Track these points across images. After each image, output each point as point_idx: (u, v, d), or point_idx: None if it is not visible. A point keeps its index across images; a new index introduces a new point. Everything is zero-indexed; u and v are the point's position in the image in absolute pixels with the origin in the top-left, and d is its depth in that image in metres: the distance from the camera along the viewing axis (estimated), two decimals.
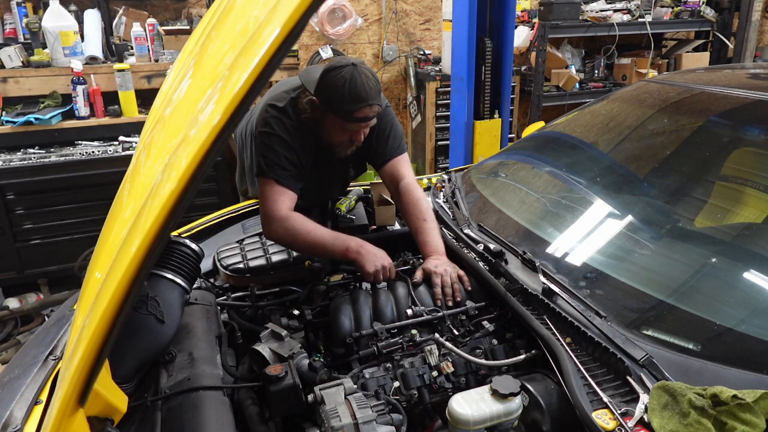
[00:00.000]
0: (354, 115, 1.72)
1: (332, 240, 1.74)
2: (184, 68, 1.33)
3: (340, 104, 1.70)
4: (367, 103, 1.71)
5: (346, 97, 1.68)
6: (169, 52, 3.78)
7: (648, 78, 2.40)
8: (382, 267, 1.68)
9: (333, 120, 1.76)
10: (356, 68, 1.69)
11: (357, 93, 1.68)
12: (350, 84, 1.67)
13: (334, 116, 1.75)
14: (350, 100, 1.69)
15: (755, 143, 1.67)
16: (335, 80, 1.68)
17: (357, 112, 1.72)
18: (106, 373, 1.06)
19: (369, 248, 1.71)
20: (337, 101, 1.70)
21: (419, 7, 5.08)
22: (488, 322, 1.54)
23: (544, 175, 2.06)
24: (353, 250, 1.70)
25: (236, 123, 0.75)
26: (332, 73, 1.70)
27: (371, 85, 1.70)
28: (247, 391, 1.38)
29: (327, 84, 1.71)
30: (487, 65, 3.79)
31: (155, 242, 0.77)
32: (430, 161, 4.99)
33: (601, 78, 5.31)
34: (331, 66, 1.72)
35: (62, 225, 3.48)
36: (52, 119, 3.39)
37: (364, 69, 1.72)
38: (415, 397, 1.37)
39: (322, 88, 1.73)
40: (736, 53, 5.24)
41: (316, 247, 1.75)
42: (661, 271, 1.44)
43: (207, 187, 3.76)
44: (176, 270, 1.43)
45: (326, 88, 1.71)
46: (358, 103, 1.70)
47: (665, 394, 1.06)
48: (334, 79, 1.69)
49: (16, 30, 3.75)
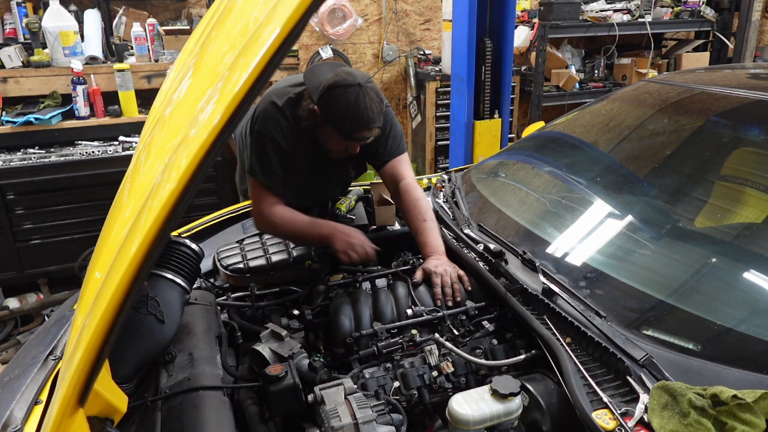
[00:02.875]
0: (353, 135, 1.76)
1: (309, 227, 1.83)
2: (184, 68, 1.33)
3: (342, 124, 1.72)
4: (368, 126, 1.74)
5: (348, 119, 1.70)
6: (169, 52, 3.77)
7: (648, 78, 2.40)
8: (351, 245, 1.72)
9: (332, 132, 1.77)
10: (362, 89, 1.68)
11: (359, 116, 1.69)
12: (354, 106, 1.67)
13: (333, 131, 1.76)
14: (352, 122, 1.70)
15: (755, 143, 1.67)
16: (339, 100, 1.68)
17: (357, 134, 1.75)
18: (106, 373, 1.06)
19: (342, 229, 1.79)
20: (338, 121, 1.72)
21: (419, 7, 5.08)
22: (488, 322, 1.54)
23: (544, 175, 2.06)
24: (326, 234, 1.78)
25: (236, 123, 0.75)
26: (337, 92, 1.68)
27: (374, 108, 1.71)
28: (247, 391, 1.38)
29: (330, 101, 1.70)
30: (487, 65, 3.79)
31: (155, 242, 0.77)
32: (430, 161, 4.99)
33: (601, 78, 5.31)
34: (337, 82, 1.69)
35: (62, 225, 3.48)
36: (52, 119, 3.38)
37: (370, 90, 1.71)
38: (415, 397, 1.37)
39: (325, 103, 1.72)
40: (736, 53, 5.24)
41: (297, 235, 1.86)
42: (661, 271, 1.44)
43: (207, 187, 3.76)
44: (176, 270, 1.43)
45: (329, 105, 1.71)
46: (359, 126, 1.72)
47: (665, 394, 1.06)
48: (338, 98, 1.68)
49: (16, 30, 3.75)
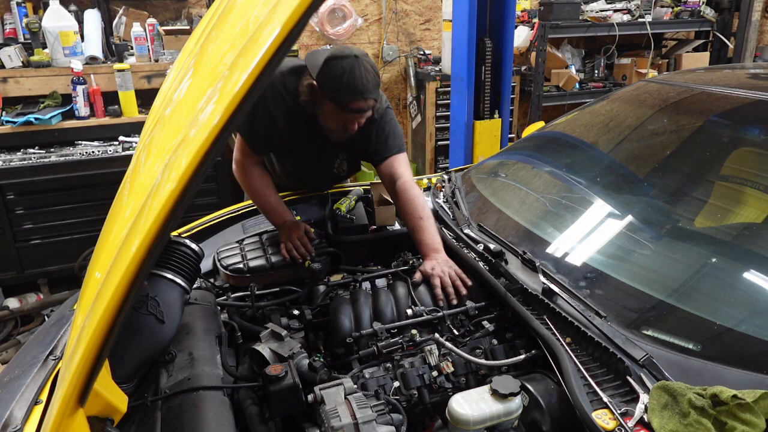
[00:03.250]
0: (349, 105, 1.79)
1: (270, 213, 1.98)
2: (184, 68, 1.32)
3: (337, 93, 1.77)
4: (363, 96, 1.77)
5: (343, 87, 1.74)
6: (169, 52, 3.77)
7: (648, 78, 2.40)
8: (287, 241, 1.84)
9: (330, 106, 1.82)
10: (358, 60, 1.74)
11: (354, 85, 1.74)
12: (349, 75, 1.73)
13: (330, 103, 1.81)
14: (347, 90, 1.75)
15: (755, 143, 1.67)
16: (335, 69, 1.74)
17: (352, 103, 1.78)
18: (106, 373, 1.06)
19: (290, 225, 1.90)
20: (334, 90, 1.77)
21: (419, 7, 5.08)
22: (488, 322, 1.54)
23: (544, 175, 2.06)
24: (277, 224, 1.94)
25: (236, 123, 0.75)
26: (334, 62, 1.75)
27: (369, 79, 1.76)
28: (247, 391, 1.38)
29: (327, 72, 1.76)
30: (487, 65, 3.79)
31: (155, 242, 0.77)
32: (430, 161, 4.99)
33: (601, 78, 5.31)
34: (334, 54, 1.77)
35: (62, 225, 3.48)
36: (52, 119, 3.38)
37: (365, 62, 1.77)
38: (415, 397, 1.37)
39: (322, 74, 1.78)
40: (736, 53, 5.24)
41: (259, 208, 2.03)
42: (661, 271, 1.44)
43: (207, 187, 3.75)
44: (176, 270, 1.43)
45: (326, 76, 1.77)
46: (354, 94, 1.76)
47: (665, 394, 1.05)
48: (334, 68, 1.75)
49: (16, 30, 3.75)
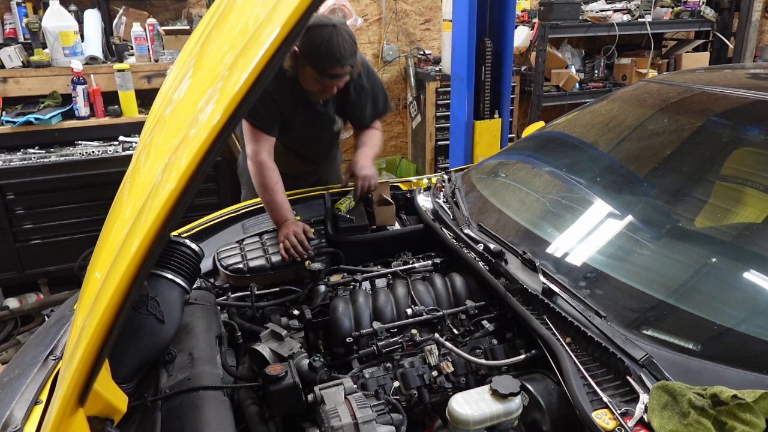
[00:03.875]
0: (328, 71, 1.92)
1: (274, 210, 2.00)
2: (184, 68, 1.33)
3: (316, 60, 1.90)
4: (341, 63, 1.90)
5: (322, 54, 1.87)
6: (169, 52, 3.77)
7: (648, 78, 2.40)
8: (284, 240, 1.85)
9: (310, 71, 1.95)
10: (336, 29, 1.87)
11: (332, 53, 1.86)
12: (328, 43, 1.85)
13: (310, 68, 1.94)
14: (325, 57, 1.88)
15: (755, 143, 1.67)
16: (315, 38, 1.86)
17: (330, 69, 1.92)
18: (106, 373, 1.06)
19: (288, 223, 1.91)
20: (314, 57, 1.90)
21: (419, 7, 5.08)
22: (488, 321, 1.54)
23: (544, 175, 2.06)
24: (278, 222, 1.96)
25: (236, 123, 0.75)
26: (314, 31, 1.86)
27: (346, 47, 1.88)
28: (247, 391, 1.38)
29: (308, 39, 1.88)
30: (487, 65, 3.78)
31: (155, 242, 0.77)
32: (430, 161, 4.99)
33: (601, 78, 5.31)
34: (314, 23, 1.87)
35: (62, 225, 3.48)
36: (52, 119, 3.38)
37: (344, 31, 1.89)
38: (415, 397, 1.37)
39: (303, 42, 1.90)
40: (736, 53, 5.24)
41: (264, 201, 2.04)
42: (661, 271, 1.44)
43: (207, 187, 3.75)
44: (176, 270, 1.43)
45: (306, 42, 1.89)
46: (331, 61, 1.89)
47: (665, 394, 1.05)
48: (314, 36, 1.86)
49: (16, 30, 3.74)
